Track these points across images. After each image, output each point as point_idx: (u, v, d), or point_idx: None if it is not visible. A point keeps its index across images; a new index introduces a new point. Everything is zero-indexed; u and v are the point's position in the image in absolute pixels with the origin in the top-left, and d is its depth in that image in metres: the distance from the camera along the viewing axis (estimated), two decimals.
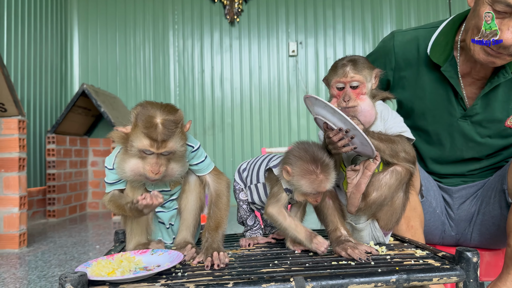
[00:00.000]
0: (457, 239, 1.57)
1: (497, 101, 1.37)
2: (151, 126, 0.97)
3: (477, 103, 1.38)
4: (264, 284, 0.83)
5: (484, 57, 1.25)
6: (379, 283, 0.87)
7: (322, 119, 1.07)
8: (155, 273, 0.89)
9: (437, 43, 1.40)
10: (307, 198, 1.04)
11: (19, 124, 2.91)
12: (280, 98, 5.22)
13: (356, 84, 1.13)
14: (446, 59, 1.37)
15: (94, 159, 4.98)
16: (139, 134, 0.99)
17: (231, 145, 5.19)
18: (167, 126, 0.99)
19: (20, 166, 2.92)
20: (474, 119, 1.41)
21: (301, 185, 1.02)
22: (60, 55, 5.01)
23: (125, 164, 1.02)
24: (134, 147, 0.99)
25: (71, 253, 2.78)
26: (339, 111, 1.01)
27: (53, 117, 4.75)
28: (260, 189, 1.17)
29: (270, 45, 5.26)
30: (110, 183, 1.12)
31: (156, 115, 0.99)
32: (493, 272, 1.52)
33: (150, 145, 0.98)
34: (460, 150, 1.49)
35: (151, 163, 1.00)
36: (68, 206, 4.54)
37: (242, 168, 1.26)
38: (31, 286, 2.06)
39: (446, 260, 0.96)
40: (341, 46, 5.23)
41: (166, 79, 5.25)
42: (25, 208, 2.96)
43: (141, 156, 1.00)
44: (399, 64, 1.48)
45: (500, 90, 1.36)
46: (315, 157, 1.01)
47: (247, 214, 1.25)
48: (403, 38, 1.48)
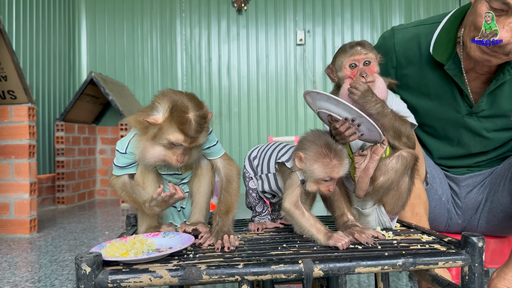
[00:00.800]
0: (463, 227, 1.58)
1: (503, 97, 1.37)
2: (185, 122, 1.01)
3: (483, 100, 1.38)
4: (273, 265, 0.85)
5: (480, 55, 1.25)
6: (386, 266, 0.88)
7: (326, 112, 1.08)
8: (168, 255, 0.91)
9: (439, 40, 1.38)
10: (320, 186, 1.04)
11: (29, 111, 2.94)
12: (287, 87, 5.21)
13: (369, 61, 1.15)
14: (449, 57, 1.36)
15: (103, 147, 5.03)
16: (173, 128, 1.02)
17: (237, 134, 5.21)
18: (199, 123, 1.03)
19: (30, 153, 2.97)
20: (480, 115, 1.42)
21: (314, 170, 1.02)
22: (68, 43, 5.03)
23: (150, 150, 1.05)
24: (165, 138, 1.02)
25: (81, 238, 2.83)
26: (343, 101, 1.02)
27: (61, 105, 4.79)
28: (271, 179, 1.17)
29: (278, 34, 5.24)
30: (120, 167, 1.14)
31: (189, 111, 1.02)
32: (498, 259, 1.54)
33: (184, 140, 1.02)
34: (468, 145, 1.50)
35: (178, 154, 1.05)
36: (77, 193, 4.60)
37: (252, 156, 1.25)
38: (43, 270, 2.11)
39: (452, 245, 0.97)
40: (349, 35, 5.20)
41: (173, 68, 5.26)
42: (35, 194, 3.01)
43: (168, 146, 1.04)
44: (401, 62, 1.47)
45: (506, 86, 1.36)
46: (329, 142, 1.02)
47: (256, 202, 1.26)
48: (404, 35, 1.46)
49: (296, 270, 0.86)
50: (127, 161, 1.13)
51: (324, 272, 0.86)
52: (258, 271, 0.85)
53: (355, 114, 1.03)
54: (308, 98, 1.11)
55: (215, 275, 0.84)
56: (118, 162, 1.14)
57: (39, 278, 1.97)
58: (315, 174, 1.02)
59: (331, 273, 0.87)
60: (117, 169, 1.15)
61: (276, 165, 1.14)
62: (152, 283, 0.83)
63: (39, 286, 1.87)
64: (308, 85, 5.20)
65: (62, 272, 2.05)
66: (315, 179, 1.03)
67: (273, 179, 1.16)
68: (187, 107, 1.02)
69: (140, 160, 1.10)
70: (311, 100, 1.11)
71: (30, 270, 2.11)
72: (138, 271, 0.83)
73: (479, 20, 1.20)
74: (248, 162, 1.26)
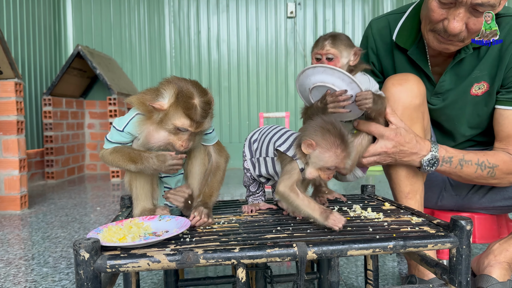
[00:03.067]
0: (456, 200, 1.61)
1: (463, 75, 1.44)
2: (191, 107, 1.03)
3: (445, 79, 1.45)
4: (269, 249, 0.88)
5: (438, 44, 1.33)
6: (377, 249, 0.91)
7: (322, 84, 1.22)
8: (165, 239, 0.93)
9: (403, 28, 1.48)
10: (321, 173, 1.06)
11: (15, 87, 2.89)
12: (278, 61, 5.18)
13: (331, 56, 1.27)
14: (412, 42, 1.45)
15: (91, 121, 4.98)
16: (179, 113, 1.03)
17: (227, 108, 5.19)
18: (204, 108, 1.05)
19: (19, 129, 2.93)
20: (445, 96, 1.48)
21: (324, 158, 1.03)
22: (53, 15, 4.90)
23: (154, 135, 1.07)
24: (171, 123, 1.04)
25: (72, 214, 2.84)
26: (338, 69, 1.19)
27: (48, 79, 4.70)
28: (268, 163, 1.17)
29: (268, 6, 5.16)
30: (113, 142, 1.13)
31: (194, 96, 1.04)
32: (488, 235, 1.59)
33: (190, 125, 1.04)
34: (437, 124, 1.56)
35: (183, 139, 1.06)
36: (66, 168, 4.58)
37: (253, 139, 1.26)
38: (36, 247, 2.12)
39: (441, 227, 1.01)
40: (341, 8, 5.14)
41: (161, 40, 5.17)
42: (25, 170, 3.00)
43: (174, 132, 1.05)
44: (379, 49, 1.56)
45: (465, 63, 1.43)
46: (342, 132, 1.04)
47: (250, 182, 1.28)
48: (378, 25, 1.56)
49: (290, 253, 0.88)
50: (122, 139, 1.12)
51: (317, 255, 0.89)
52: (253, 254, 0.87)
53: (347, 80, 1.19)
54: (302, 78, 1.23)
55: (212, 259, 0.86)
56: (112, 138, 1.13)
57: (32, 256, 1.99)
58: (323, 162, 1.04)
59: (324, 256, 0.90)
60: (109, 143, 1.14)
61: (275, 150, 1.14)
62: (150, 268, 0.85)
63: (33, 263, 1.89)
64: (299, 59, 5.16)
65: (56, 250, 2.07)
66: (321, 166, 1.05)
67: (271, 164, 1.17)
68: (193, 93, 1.04)
69: (144, 144, 1.10)
70: (306, 79, 1.23)
71: (23, 248, 2.13)
72: (136, 256, 0.85)
73: (431, 15, 1.28)
74: (248, 145, 1.26)
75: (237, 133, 5.16)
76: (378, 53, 1.56)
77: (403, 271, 1.73)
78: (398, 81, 1.36)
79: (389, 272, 1.73)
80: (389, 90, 1.35)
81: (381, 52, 1.56)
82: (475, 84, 1.43)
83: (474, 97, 1.45)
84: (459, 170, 1.35)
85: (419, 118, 1.37)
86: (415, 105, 1.35)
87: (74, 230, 2.43)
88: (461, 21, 1.23)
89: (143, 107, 1.07)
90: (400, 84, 1.35)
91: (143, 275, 1.73)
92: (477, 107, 1.47)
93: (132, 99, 1.09)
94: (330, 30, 5.15)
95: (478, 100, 1.46)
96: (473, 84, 1.43)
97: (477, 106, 1.47)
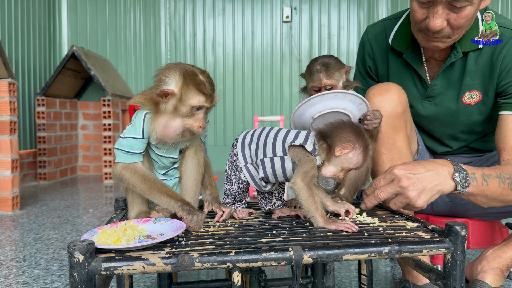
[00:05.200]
0: (450, 206, 1.62)
1: (453, 80, 1.47)
2: (200, 83, 1.06)
3: (436, 83, 1.48)
4: (264, 253, 0.87)
5: (426, 43, 1.37)
6: (373, 253, 0.91)
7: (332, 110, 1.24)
8: (160, 242, 0.92)
9: (399, 32, 1.52)
10: (340, 174, 1.09)
11: (9, 86, 2.86)
12: (273, 65, 5.19)
13: (331, 86, 1.33)
14: (408, 45, 1.49)
15: (84, 122, 4.95)
16: (192, 92, 1.05)
17: (222, 111, 5.19)
18: (210, 82, 1.09)
19: (12, 129, 2.91)
20: (436, 101, 1.50)
21: (354, 160, 1.07)
22: (48, 15, 4.87)
23: (171, 125, 1.07)
24: (187, 105, 1.05)
25: (65, 216, 2.82)
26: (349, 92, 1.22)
27: (42, 79, 4.67)
28: (276, 163, 1.13)
29: (264, 10, 5.17)
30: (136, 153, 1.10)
31: (198, 74, 1.08)
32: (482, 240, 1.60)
33: (205, 101, 1.07)
34: (429, 130, 1.59)
35: (200, 119, 1.08)
36: (59, 169, 4.55)
37: (247, 141, 1.19)
38: (28, 249, 2.10)
39: (436, 233, 1.01)
40: (336, 13, 5.17)
41: (157, 42, 5.16)
42: (17, 171, 2.97)
43: (190, 114, 1.07)
44: (375, 54, 1.61)
45: (456, 69, 1.46)
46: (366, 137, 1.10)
47: (240, 192, 1.22)
48: (374, 31, 1.61)
49: (286, 257, 0.88)
50: (143, 145, 1.11)
51: (313, 260, 0.89)
52: (249, 258, 0.87)
53: (358, 101, 1.24)
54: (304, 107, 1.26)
55: (207, 262, 0.85)
56: (132, 149, 1.08)
57: (24, 257, 1.97)
58: (352, 164, 1.08)
59: (320, 260, 0.90)
60: (131, 156, 1.09)
61: (287, 147, 1.12)
62: (145, 271, 0.84)
63: (24, 265, 1.87)
64: (294, 63, 5.18)
65: (48, 251, 2.05)
66: (346, 167, 1.09)
67: (279, 163, 1.12)
68: (195, 71, 1.08)
69: (160, 139, 1.09)
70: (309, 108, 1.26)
71: (15, 249, 2.11)
72: (131, 258, 0.84)
73: (414, 15, 1.34)
74: (241, 149, 1.19)
75: (231, 136, 5.15)
76: (374, 58, 1.60)
77: (397, 276, 1.74)
78: (379, 91, 1.38)
79: (382, 277, 1.73)
80: (370, 100, 1.36)
81: (377, 57, 1.59)
82: (467, 92, 1.45)
83: (466, 106, 1.47)
84: (486, 187, 1.20)
85: (402, 127, 1.39)
86: (397, 114, 1.37)
87: (67, 232, 2.41)
88: (440, 17, 1.27)
89: (151, 102, 1.07)
90: (381, 94, 1.37)
91: (136, 278, 1.72)
92: (471, 116, 1.48)
93: (137, 99, 1.08)
94: (325, 35, 5.17)
95: (471, 110, 1.47)
96: (465, 92, 1.45)
97: (470, 116, 1.48)
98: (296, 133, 1.14)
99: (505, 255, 1.38)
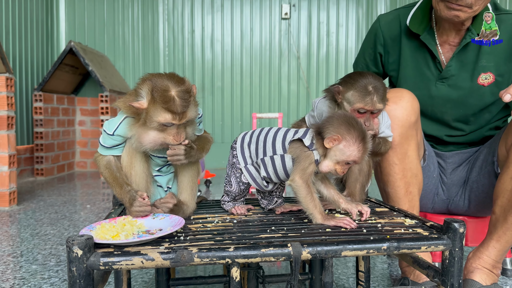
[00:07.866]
0: (447, 204, 1.64)
1: (468, 62, 1.51)
2: (169, 100, 1.01)
3: (451, 64, 1.52)
4: (263, 249, 0.88)
5: (448, 12, 1.39)
6: (371, 250, 0.92)
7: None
8: (158, 237, 0.92)
9: (415, 16, 1.57)
10: (337, 168, 1.07)
11: (6, 81, 2.85)
12: (271, 62, 5.18)
13: (378, 111, 1.28)
14: (424, 28, 1.55)
15: (82, 118, 4.94)
16: (158, 109, 1.01)
17: (220, 108, 5.18)
18: (183, 97, 1.02)
19: (9, 124, 2.89)
20: (450, 82, 1.54)
21: (347, 153, 1.05)
22: (46, 10, 4.85)
23: (145, 136, 1.05)
24: (154, 121, 1.02)
25: (62, 212, 2.81)
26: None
27: (39, 74, 4.65)
28: (276, 161, 1.13)
29: (263, 6, 5.16)
30: (106, 147, 1.13)
31: (170, 88, 1.02)
32: (479, 238, 1.61)
33: (172, 118, 1.02)
34: (441, 112, 1.59)
35: (173, 133, 1.05)
36: (56, 165, 4.53)
37: (246, 142, 1.20)
38: (25, 244, 2.10)
39: (434, 230, 1.01)
40: (335, 10, 5.16)
41: (155, 39, 5.14)
42: (14, 166, 2.96)
43: (161, 129, 1.04)
44: (386, 41, 1.65)
45: (470, 51, 1.51)
46: (364, 128, 1.08)
47: (240, 193, 1.23)
48: (387, 18, 1.66)
49: (285, 253, 0.88)
50: (113, 142, 1.12)
51: (312, 255, 0.89)
52: (248, 254, 0.87)
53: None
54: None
55: (206, 258, 0.86)
56: (104, 143, 1.13)
57: (21, 253, 1.97)
58: (345, 156, 1.06)
59: (319, 256, 0.90)
60: (103, 149, 1.14)
61: (287, 144, 1.12)
62: (144, 266, 0.84)
63: (21, 260, 1.86)
64: (292, 60, 5.17)
65: (45, 247, 2.05)
66: (341, 160, 1.06)
67: (279, 161, 1.12)
68: (168, 86, 1.02)
69: (138, 148, 1.09)
70: None
71: (12, 244, 2.10)
72: (129, 253, 0.84)
73: None
74: (240, 150, 1.20)
75: (229, 133, 5.15)
76: (385, 44, 1.65)
77: (394, 273, 1.74)
78: (393, 99, 1.36)
79: (380, 273, 1.74)
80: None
81: (388, 43, 1.64)
82: (482, 73, 1.50)
83: (480, 87, 1.51)
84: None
85: (414, 136, 1.40)
86: (410, 123, 1.37)
87: (64, 228, 2.40)
88: None
89: (129, 110, 1.06)
90: (394, 102, 1.36)
91: (134, 274, 1.72)
92: (484, 97, 1.53)
93: (118, 104, 1.09)
94: (324, 32, 5.17)
95: (484, 91, 1.52)
96: (480, 73, 1.50)
97: (483, 97, 1.53)
98: (295, 131, 1.14)
99: (483, 255, 1.41)
